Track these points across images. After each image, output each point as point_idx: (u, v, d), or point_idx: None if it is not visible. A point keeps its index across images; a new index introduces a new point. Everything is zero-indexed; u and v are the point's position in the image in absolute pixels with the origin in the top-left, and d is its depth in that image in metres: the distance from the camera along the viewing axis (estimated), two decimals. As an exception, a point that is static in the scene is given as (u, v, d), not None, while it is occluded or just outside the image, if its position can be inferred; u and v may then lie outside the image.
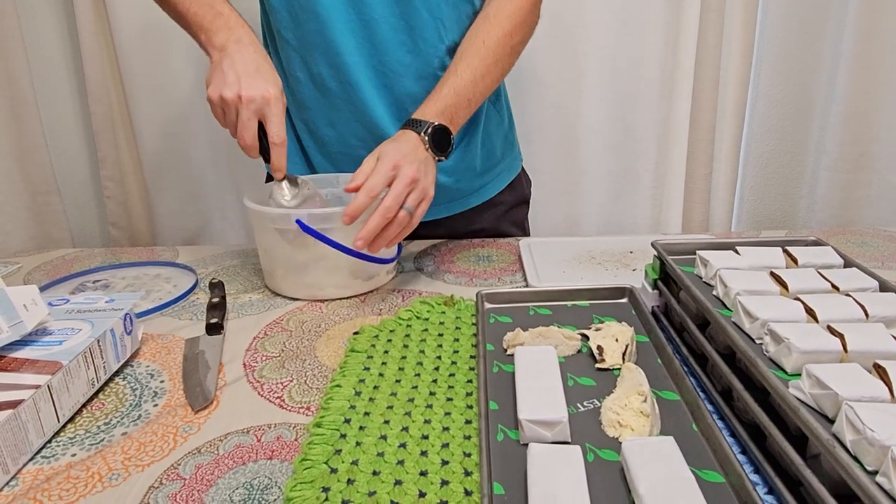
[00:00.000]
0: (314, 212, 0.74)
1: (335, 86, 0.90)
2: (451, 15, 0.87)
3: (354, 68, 0.88)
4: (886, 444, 0.35)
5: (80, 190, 1.62)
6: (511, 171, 1.07)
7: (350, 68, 0.88)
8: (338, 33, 0.86)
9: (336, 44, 0.86)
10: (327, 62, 0.88)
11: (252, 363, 0.65)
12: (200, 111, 1.53)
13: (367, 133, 0.92)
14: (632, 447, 0.43)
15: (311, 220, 0.74)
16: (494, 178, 1.04)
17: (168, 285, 0.86)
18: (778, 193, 1.62)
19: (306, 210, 0.75)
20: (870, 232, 1.00)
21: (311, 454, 0.49)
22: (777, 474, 0.43)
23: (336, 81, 0.90)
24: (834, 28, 1.45)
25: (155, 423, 0.55)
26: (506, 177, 1.06)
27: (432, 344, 0.65)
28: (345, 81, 0.89)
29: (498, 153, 1.04)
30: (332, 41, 0.86)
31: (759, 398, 0.47)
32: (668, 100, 1.49)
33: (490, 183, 1.04)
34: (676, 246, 0.68)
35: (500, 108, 1.03)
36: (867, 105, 1.46)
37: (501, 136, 1.04)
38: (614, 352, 0.58)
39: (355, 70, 0.88)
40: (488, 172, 1.03)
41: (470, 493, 0.45)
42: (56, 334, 0.60)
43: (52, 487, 0.48)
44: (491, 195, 1.04)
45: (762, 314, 0.49)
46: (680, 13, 1.43)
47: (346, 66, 0.88)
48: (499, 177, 1.05)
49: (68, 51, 1.50)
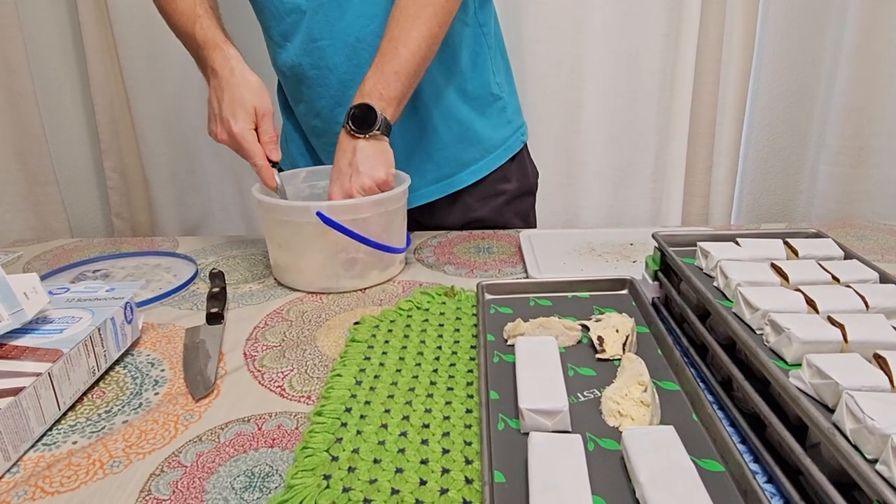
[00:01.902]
0: (334, 203, 0.74)
1: (314, 73, 0.91)
2: None
3: (330, 52, 0.89)
4: (886, 432, 0.35)
5: (79, 180, 1.61)
6: (510, 147, 1.03)
7: (325, 52, 0.89)
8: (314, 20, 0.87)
9: (312, 31, 0.87)
10: (304, 51, 0.89)
11: (252, 352, 0.65)
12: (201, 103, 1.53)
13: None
14: (632, 436, 0.43)
15: (332, 211, 0.74)
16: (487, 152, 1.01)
17: (168, 275, 0.86)
18: (778, 187, 1.62)
19: (326, 202, 0.75)
20: (869, 225, 1.00)
21: (312, 442, 0.49)
22: (777, 463, 0.43)
23: (314, 69, 0.91)
24: (835, 23, 1.45)
25: (156, 411, 0.56)
26: (504, 153, 1.03)
27: (433, 334, 0.65)
28: (322, 67, 0.90)
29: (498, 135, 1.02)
30: (310, 29, 0.87)
31: (759, 388, 0.47)
32: (668, 93, 1.49)
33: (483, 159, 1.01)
34: (677, 237, 0.68)
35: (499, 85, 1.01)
36: (867, 99, 1.45)
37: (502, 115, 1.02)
38: (615, 342, 0.58)
39: (331, 53, 0.89)
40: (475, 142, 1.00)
41: (470, 481, 0.45)
42: (56, 322, 0.60)
43: (54, 474, 0.48)
44: (487, 171, 1.01)
45: (763, 305, 0.49)
46: (681, 6, 1.42)
47: (321, 50, 0.89)
48: (496, 150, 1.02)
49: (69, 42, 1.49)
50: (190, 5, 0.85)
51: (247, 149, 0.80)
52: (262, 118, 0.80)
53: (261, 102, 0.80)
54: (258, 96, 0.80)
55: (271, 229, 0.80)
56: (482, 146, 1.01)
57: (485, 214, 1.03)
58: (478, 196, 1.03)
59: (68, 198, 1.59)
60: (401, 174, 0.85)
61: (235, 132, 0.79)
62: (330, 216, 0.73)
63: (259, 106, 0.80)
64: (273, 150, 0.81)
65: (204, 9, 0.85)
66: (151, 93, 1.51)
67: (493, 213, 1.03)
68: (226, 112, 0.80)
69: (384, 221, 0.78)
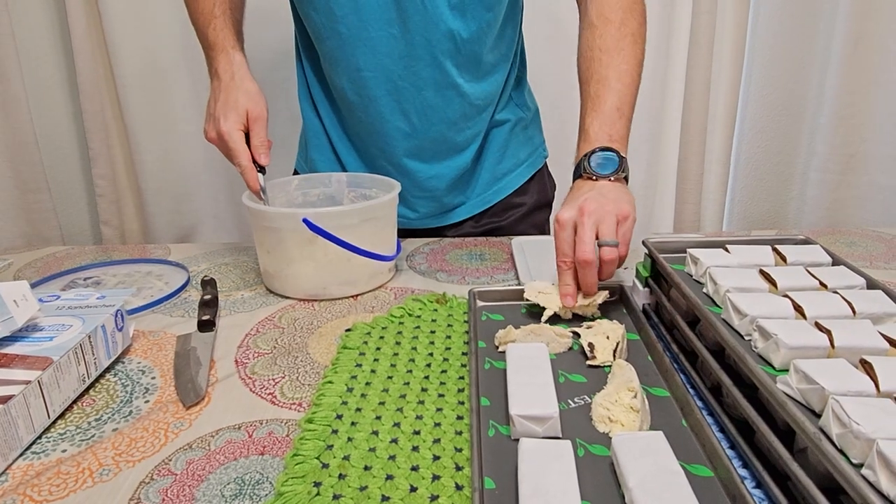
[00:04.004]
0: (320, 211, 0.75)
1: (356, 100, 0.92)
2: (467, 27, 0.86)
3: (373, 83, 0.89)
4: (871, 437, 0.35)
5: (71, 188, 1.61)
6: (532, 166, 1.06)
7: (368, 83, 0.89)
8: (357, 50, 0.87)
9: (356, 60, 0.88)
10: (348, 77, 0.90)
11: (244, 360, 0.65)
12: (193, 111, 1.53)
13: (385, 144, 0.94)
14: (622, 442, 0.44)
15: (318, 218, 0.74)
16: (514, 170, 1.04)
17: (160, 282, 0.86)
18: (769, 194, 1.64)
19: (313, 209, 0.75)
20: (859, 232, 1.01)
21: (303, 449, 0.49)
22: (765, 469, 0.44)
23: (357, 96, 0.91)
24: (824, 32, 1.47)
25: (146, 419, 0.55)
26: (525, 171, 1.05)
27: (424, 341, 0.66)
28: (364, 96, 0.91)
29: (522, 153, 1.04)
30: (353, 57, 0.88)
31: (748, 394, 0.47)
32: (660, 101, 1.50)
33: (509, 175, 1.03)
34: (667, 244, 0.69)
35: (521, 103, 1.03)
36: (856, 108, 1.47)
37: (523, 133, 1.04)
38: (605, 349, 0.58)
39: (374, 85, 0.89)
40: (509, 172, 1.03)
41: (461, 487, 0.45)
42: (47, 330, 0.60)
43: (43, 483, 0.48)
44: (510, 191, 1.03)
45: (751, 311, 0.50)
46: (672, 15, 1.44)
47: (364, 80, 0.89)
48: (518, 168, 1.04)
49: (59, 48, 1.49)
50: (210, 4, 0.85)
51: (232, 148, 0.80)
52: (254, 122, 0.81)
53: (254, 107, 0.81)
54: (252, 101, 0.81)
55: (260, 235, 0.80)
56: (505, 164, 1.03)
57: (502, 225, 1.04)
58: (496, 210, 1.04)
59: (60, 205, 1.58)
60: (391, 181, 0.85)
61: (223, 131, 0.79)
62: (316, 223, 0.73)
63: (251, 110, 0.80)
64: (262, 154, 0.81)
65: (222, 10, 0.85)
66: (144, 100, 1.50)
67: (510, 224, 1.05)
68: (218, 112, 0.80)
69: (372, 229, 0.78)
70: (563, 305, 0.65)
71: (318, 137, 1.02)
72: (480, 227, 1.04)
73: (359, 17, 0.85)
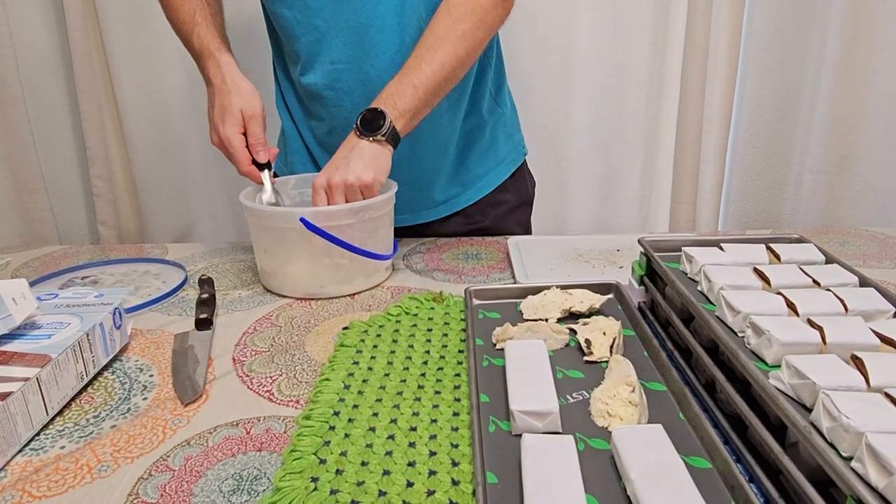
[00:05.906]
0: (318, 210, 0.75)
1: (330, 95, 0.92)
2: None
3: (347, 75, 0.89)
4: (861, 430, 0.36)
5: (68, 188, 1.61)
6: (512, 163, 1.07)
7: (342, 75, 0.90)
8: (334, 43, 0.87)
9: (331, 53, 0.88)
10: (322, 72, 0.90)
11: (241, 358, 0.65)
12: (190, 110, 1.53)
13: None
14: (622, 435, 0.44)
15: (315, 217, 0.74)
16: (494, 168, 1.04)
17: (157, 281, 0.86)
18: (763, 194, 1.64)
19: (310, 209, 0.75)
20: (852, 232, 1.01)
21: (301, 445, 0.49)
22: (758, 463, 0.44)
23: (331, 90, 0.91)
24: (819, 33, 1.48)
25: (144, 416, 0.56)
26: (506, 169, 1.06)
27: (421, 339, 0.66)
28: (339, 89, 0.91)
29: (501, 150, 1.05)
30: (328, 51, 0.88)
31: (741, 390, 0.48)
32: (655, 101, 1.50)
33: (490, 173, 1.04)
34: (663, 243, 0.69)
35: (501, 101, 1.04)
36: (851, 109, 1.48)
37: (502, 130, 1.05)
38: (602, 345, 0.58)
39: (348, 77, 0.90)
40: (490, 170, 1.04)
41: (457, 482, 0.45)
42: (45, 328, 0.60)
43: (41, 479, 0.48)
44: (491, 188, 1.04)
45: (744, 308, 0.50)
46: (667, 15, 1.45)
47: (338, 73, 0.90)
48: (499, 166, 1.05)
49: (57, 49, 1.49)
50: (189, 13, 0.86)
51: (231, 154, 0.82)
52: (249, 121, 0.82)
53: (247, 106, 0.81)
54: (245, 100, 0.82)
55: (257, 234, 0.80)
56: (487, 163, 1.04)
57: (487, 224, 1.05)
58: (479, 207, 1.04)
59: (57, 205, 1.58)
60: (388, 181, 0.86)
61: (223, 136, 0.81)
62: (314, 222, 0.73)
63: (245, 109, 0.81)
64: (259, 152, 0.82)
65: (203, 16, 0.86)
66: (141, 100, 1.50)
67: (494, 222, 1.05)
68: (216, 118, 0.82)
69: (369, 228, 0.78)
70: None
71: (295, 141, 1.03)
72: (465, 224, 1.05)
73: (335, 9, 0.85)
